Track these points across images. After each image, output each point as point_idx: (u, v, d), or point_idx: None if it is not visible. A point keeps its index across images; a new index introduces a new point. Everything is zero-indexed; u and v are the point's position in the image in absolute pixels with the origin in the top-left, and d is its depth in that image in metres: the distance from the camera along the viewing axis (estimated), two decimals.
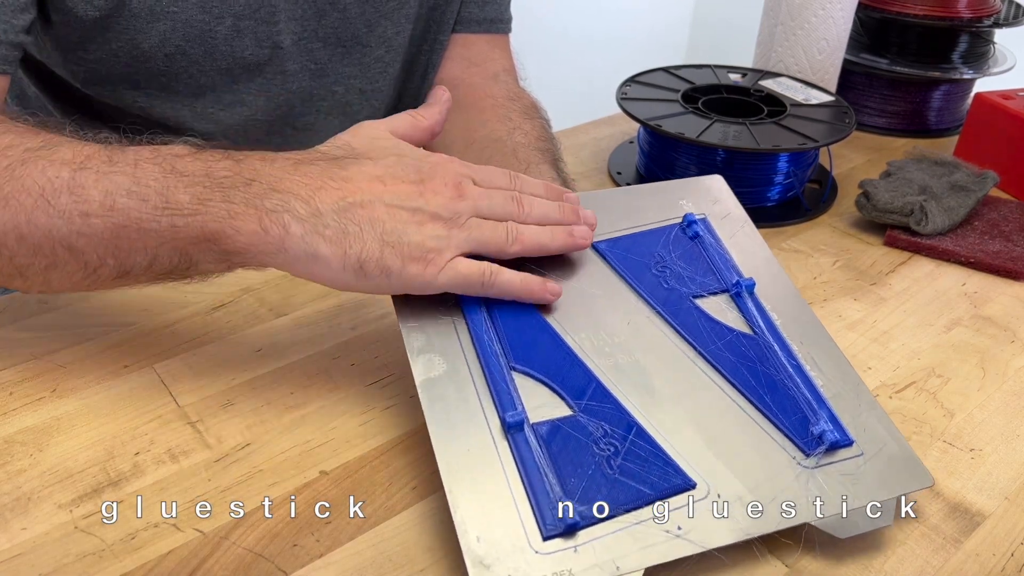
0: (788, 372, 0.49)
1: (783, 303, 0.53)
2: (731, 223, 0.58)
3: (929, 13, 0.95)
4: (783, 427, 0.46)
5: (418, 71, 0.82)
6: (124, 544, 0.44)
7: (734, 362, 0.49)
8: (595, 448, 0.43)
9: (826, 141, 0.77)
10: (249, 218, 0.44)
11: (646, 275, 0.53)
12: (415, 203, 0.46)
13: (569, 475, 0.42)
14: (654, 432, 0.45)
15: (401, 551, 0.44)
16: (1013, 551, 0.46)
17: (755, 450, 0.45)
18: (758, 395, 0.48)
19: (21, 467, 0.48)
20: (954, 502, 0.49)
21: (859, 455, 0.46)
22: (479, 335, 0.47)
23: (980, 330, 0.64)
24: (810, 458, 0.45)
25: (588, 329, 0.50)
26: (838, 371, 0.50)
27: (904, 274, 0.71)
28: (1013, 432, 0.54)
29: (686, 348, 0.50)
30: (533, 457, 0.42)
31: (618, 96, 0.84)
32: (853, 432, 0.47)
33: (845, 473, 0.45)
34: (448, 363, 0.46)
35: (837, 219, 0.79)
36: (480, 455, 0.43)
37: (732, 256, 0.55)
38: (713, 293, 0.53)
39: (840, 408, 0.48)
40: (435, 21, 0.80)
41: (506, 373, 0.46)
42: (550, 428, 0.44)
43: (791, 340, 0.51)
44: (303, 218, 0.44)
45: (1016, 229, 0.76)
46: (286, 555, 0.44)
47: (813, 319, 0.53)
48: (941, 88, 0.99)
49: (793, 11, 0.91)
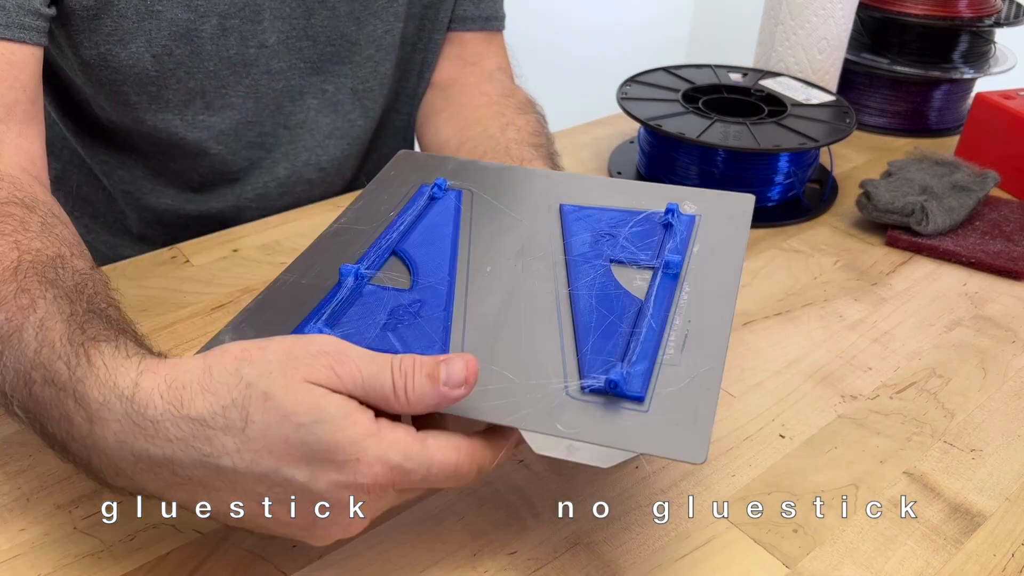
0: (635, 329, 0.45)
1: (708, 296, 0.48)
2: (722, 239, 0.53)
3: (930, 13, 0.95)
4: (581, 353, 0.44)
5: (414, 70, 0.82)
6: (123, 545, 0.44)
7: (588, 300, 0.48)
8: (393, 311, 0.47)
9: (827, 141, 0.77)
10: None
11: (584, 234, 0.54)
12: (295, 530, 0.38)
13: (353, 319, 0.47)
14: (459, 317, 0.47)
15: (401, 551, 0.44)
16: (1014, 552, 0.46)
17: (535, 355, 0.44)
18: (584, 326, 0.46)
19: (20, 468, 0.48)
20: (955, 503, 0.49)
21: (644, 411, 0.41)
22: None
23: (981, 330, 0.64)
24: (579, 387, 0.42)
25: (486, 241, 0.54)
26: (702, 355, 0.44)
27: (905, 274, 0.71)
28: (1014, 432, 0.54)
29: (558, 282, 0.50)
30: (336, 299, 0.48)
31: (618, 96, 0.83)
32: (656, 397, 0.41)
33: (608, 412, 0.41)
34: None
35: (838, 219, 0.79)
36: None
37: (693, 251, 0.52)
38: (636, 265, 0.51)
39: (666, 376, 0.43)
40: (429, 20, 0.80)
41: (385, 250, 0.52)
42: (375, 288, 0.49)
43: (678, 316, 0.47)
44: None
45: (1017, 229, 0.76)
46: (286, 556, 0.44)
47: (724, 315, 0.47)
48: (942, 88, 0.99)
49: (794, 11, 0.90)
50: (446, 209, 0.57)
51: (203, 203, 0.77)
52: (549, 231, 0.55)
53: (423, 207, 0.57)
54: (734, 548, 0.45)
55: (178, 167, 0.75)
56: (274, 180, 0.77)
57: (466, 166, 0.63)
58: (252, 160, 0.76)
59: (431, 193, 0.58)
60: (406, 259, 0.52)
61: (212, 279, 0.66)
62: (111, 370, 0.37)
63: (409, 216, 0.56)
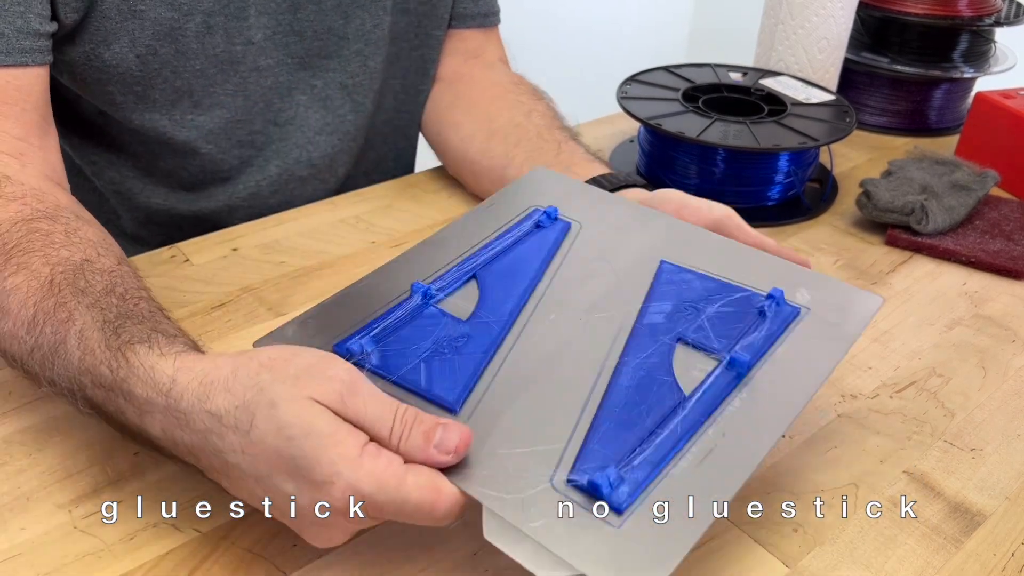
0: (657, 429, 0.41)
1: (761, 411, 0.43)
2: (818, 346, 0.46)
3: (930, 12, 0.95)
4: (587, 440, 0.41)
5: (412, 67, 0.82)
6: (123, 544, 0.44)
7: (629, 380, 0.44)
8: (438, 341, 0.47)
9: (827, 140, 0.77)
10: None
11: (666, 301, 0.49)
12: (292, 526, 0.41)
13: (400, 340, 0.46)
14: (496, 362, 0.45)
15: (401, 551, 0.44)
16: (1014, 551, 0.46)
17: (545, 429, 0.41)
18: (608, 409, 0.42)
19: (20, 467, 0.48)
20: (955, 502, 0.49)
21: (616, 527, 0.37)
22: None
23: (981, 330, 0.64)
24: (565, 479, 0.39)
25: (565, 286, 0.51)
26: (716, 479, 0.40)
27: (905, 273, 0.71)
28: (1014, 432, 0.54)
29: (612, 349, 0.46)
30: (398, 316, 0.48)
31: (618, 95, 0.83)
32: (638, 511, 0.38)
33: (578, 517, 0.38)
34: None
35: (838, 218, 0.79)
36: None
37: (778, 349, 0.46)
38: (704, 351, 0.46)
39: (664, 488, 0.39)
40: (426, 16, 0.80)
41: (466, 272, 0.51)
42: (436, 312, 0.49)
43: (714, 425, 0.42)
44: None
45: (1017, 228, 0.76)
46: (285, 555, 0.44)
47: (766, 438, 0.41)
48: (942, 87, 0.99)
49: (794, 10, 0.90)
50: (545, 241, 0.54)
51: (195, 202, 0.77)
52: (634, 289, 0.50)
53: (524, 233, 0.55)
54: (734, 547, 0.45)
55: (168, 167, 0.75)
56: (266, 179, 0.77)
57: (591, 195, 0.59)
58: (243, 159, 0.76)
59: (537, 220, 0.56)
60: (480, 285, 0.51)
61: (212, 278, 0.66)
62: (148, 368, 0.41)
63: (506, 240, 0.54)
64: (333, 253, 0.70)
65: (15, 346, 0.47)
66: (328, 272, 0.67)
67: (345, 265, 0.68)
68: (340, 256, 0.69)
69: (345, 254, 0.69)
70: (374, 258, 0.69)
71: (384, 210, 0.76)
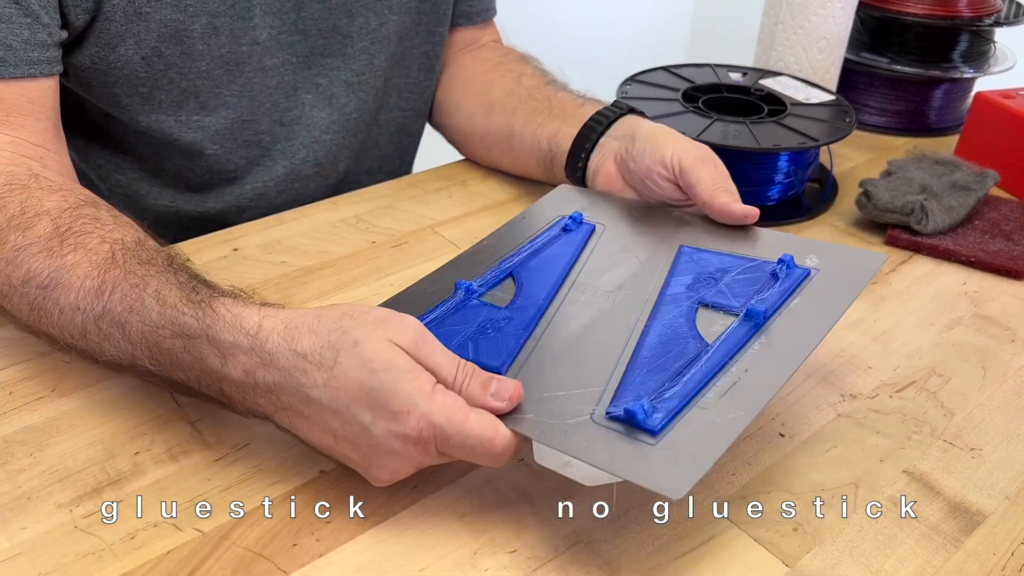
0: (684, 370, 0.46)
1: (778, 350, 0.48)
2: (828, 296, 0.52)
3: (930, 12, 0.95)
4: (622, 384, 0.46)
5: (414, 64, 0.83)
6: (124, 544, 0.44)
7: (656, 337, 0.49)
8: (482, 324, 0.52)
9: (826, 140, 0.77)
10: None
11: (687, 276, 0.55)
12: (356, 465, 0.46)
13: (448, 325, 0.52)
14: (535, 337, 0.50)
15: (401, 551, 0.44)
16: (1013, 551, 0.46)
17: (584, 380, 0.47)
18: (639, 361, 0.47)
19: (21, 467, 0.48)
20: (954, 502, 0.49)
21: (652, 444, 0.42)
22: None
23: (980, 329, 0.64)
24: (604, 413, 0.44)
25: (595, 273, 0.56)
26: (738, 404, 0.44)
27: (904, 273, 0.71)
28: (1013, 431, 0.54)
29: (640, 318, 0.52)
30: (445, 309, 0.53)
31: (618, 95, 0.83)
32: (670, 435, 0.42)
33: (617, 440, 0.42)
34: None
35: (838, 218, 0.79)
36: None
37: (791, 304, 0.51)
38: (724, 310, 0.51)
39: (692, 417, 0.43)
40: (427, 13, 0.80)
41: (504, 271, 0.57)
42: (479, 303, 0.54)
43: (736, 364, 0.47)
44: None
45: (1016, 228, 0.76)
46: (286, 555, 0.44)
47: (783, 369, 0.46)
48: (941, 87, 0.99)
49: (794, 10, 0.90)
50: (573, 241, 0.60)
51: (202, 204, 0.77)
52: (657, 270, 0.56)
53: (553, 236, 0.61)
54: (734, 547, 0.45)
55: (174, 168, 0.75)
56: (273, 179, 0.77)
57: (613, 202, 0.66)
58: (249, 159, 0.76)
59: (565, 224, 0.62)
60: (517, 280, 0.56)
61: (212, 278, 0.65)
62: (235, 315, 0.45)
63: (538, 243, 0.60)
64: (333, 253, 0.70)
65: (78, 317, 0.49)
66: (328, 272, 0.67)
67: (345, 265, 0.68)
68: (340, 256, 0.69)
69: (345, 254, 0.70)
70: (374, 258, 0.69)
71: (384, 210, 0.76)
